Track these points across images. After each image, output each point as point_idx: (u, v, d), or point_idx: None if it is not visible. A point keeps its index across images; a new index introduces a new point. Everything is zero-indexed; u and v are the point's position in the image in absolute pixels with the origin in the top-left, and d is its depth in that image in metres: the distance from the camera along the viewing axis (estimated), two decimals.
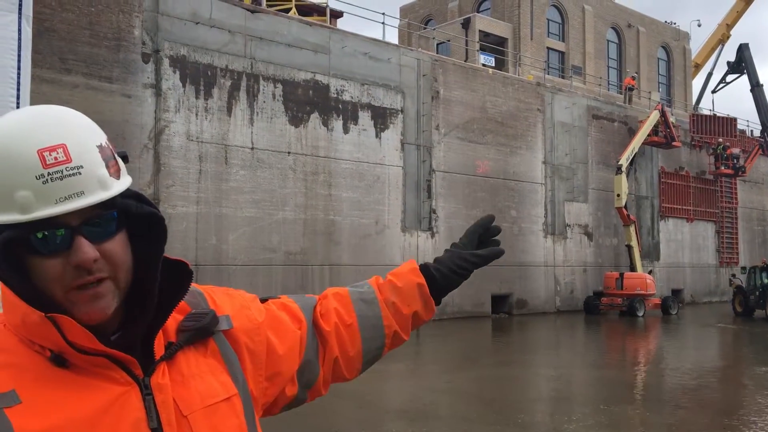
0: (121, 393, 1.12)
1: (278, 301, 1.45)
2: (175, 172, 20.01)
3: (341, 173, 23.68)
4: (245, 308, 1.35)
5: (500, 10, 40.61)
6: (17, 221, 1.06)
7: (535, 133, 30.41)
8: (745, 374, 15.49)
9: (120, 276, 1.13)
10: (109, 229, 1.12)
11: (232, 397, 1.23)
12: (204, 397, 1.19)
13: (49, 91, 17.38)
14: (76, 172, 1.08)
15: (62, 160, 1.07)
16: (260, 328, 1.34)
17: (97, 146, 1.12)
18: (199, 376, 1.21)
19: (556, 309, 30.17)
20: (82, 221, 1.09)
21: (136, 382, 1.14)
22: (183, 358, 1.21)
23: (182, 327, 1.23)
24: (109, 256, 1.11)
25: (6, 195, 1.07)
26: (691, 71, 50.51)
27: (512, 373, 14.61)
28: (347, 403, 11.63)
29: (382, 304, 1.52)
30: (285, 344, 1.38)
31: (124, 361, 1.13)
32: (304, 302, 1.48)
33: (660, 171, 36.19)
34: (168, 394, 1.15)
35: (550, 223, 30.52)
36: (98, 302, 1.11)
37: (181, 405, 1.16)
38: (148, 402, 1.13)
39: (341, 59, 23.97)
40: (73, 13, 18.54)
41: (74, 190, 1.08)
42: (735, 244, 40.49)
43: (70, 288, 1.09)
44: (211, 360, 1.24)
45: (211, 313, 1.26)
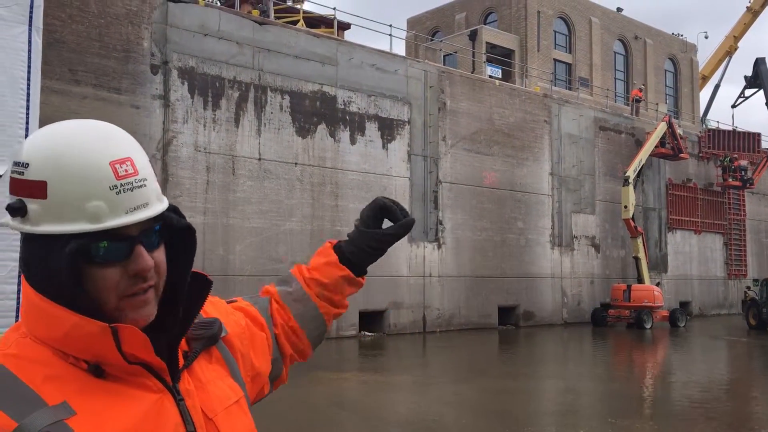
0: (156, 400, 1.15)
1: (238, 306, 1.50)
2: (182, 182, 20.08)
3: (348, 184, 23.71)
4: (231, 314, 1.42)
5: (507, 22, 40.72)
6: (88, 230, 1.09)
7: (542, 144, 30.39)
8: (753, 387, 15.37)
9: (161, 284, 1.19)
10: (157, 239, 1.18)
11: (240, 399, 1.30)
12: (222, 401, 1.25)
13: (59, 102, 17.50)
14: (143, 184, 1.14)
15: (131, 173, 1.12)
16: (245, 332, 1.41)
17: (149, 161, 1.19)
18: (213, 381, 1.27)
19: (563, 321, 30.03)
20: (140, 231, 1.14)
21: (167, 389, 1.18)
22: (197, 366, 1.26)
23: (192, 336, 1.27)
24: (158, 265, 1.17)
25: (77, 205, 1.09)
26: (698, 83, 50.43)
27: (519, 386, 14.53)
28: (353, 415, 11.60)
29: (314, 298, 1.58)
30: (258, 348, 1.45)
31: (156, 369, 1.17)
32: (260, 305, 1.54)
33: (667, 182, 36.09)
34: (195, 399, 1.21)
35: (557, 234, 30.44)
36: (146, 308, 1.16)
37: (205, 409, 1.22)
38: (182, 407, 1.18)
39: (348, 71, 24.06)
40: (83, 24, 18.69)
41: (141, 201, 1.13)
42: (743, 257, 40.27)
43: (123, 296, 1.13)
44: (216, 366, 1.30)
45: (218, 322, 1.32)
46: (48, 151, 1.11)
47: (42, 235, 1.10)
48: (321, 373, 14.58)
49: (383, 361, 19.19)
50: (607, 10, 44.83)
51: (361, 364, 18.50)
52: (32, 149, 1.12)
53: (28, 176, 1.11)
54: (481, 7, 42.38)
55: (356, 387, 14.30)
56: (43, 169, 1.10)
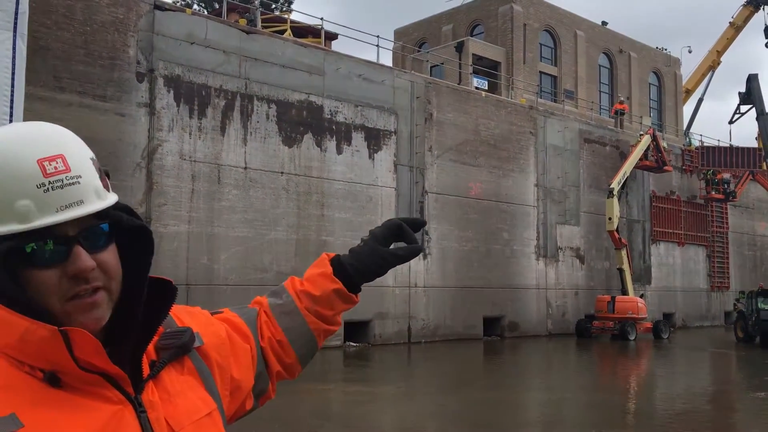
0: (116, 411, 1.10)
1: (223, 317, 1.44)
2: (167, 191, 19.96)
3: (334, 194, 23.69)
4: (210, 325, 1.36)
5: (493, 35, 40.98)
6: (17, 231, 1.05)
7: (528, 156, 30.55)
8: (736, 399, 15.46)
9: (113, 286, 1.13)
10: (103, 240, 1.13)
11: (212, 412, 1.24)
12: (190, 414, 1.19)
13: (43, 109, 17.36)
14: (76, 181, 1.09)
15: (62, 170, 1.08)
16: (225, 344, 1.36)
17: (90, 159, 1.14)
18: (182, 393, 1.21)
19: (547, 332, 30.10)
20: (78, 231, 1.09)
21: (128, 400, 1.12)
22: (166, 376, 1.21)
23: (161, 345, 1.23)
24: (104, 266, 1.11)
25: (6, 205, 1.06)
26: (682, 97, 50.97)
27: (504, 397, 14.52)
28: (337, 426, 11.53)
29: (303, 311, 1.50)
30: (241, 361, 1.39)
31: (116, 379, 1.11)
32: (247, 316, 1.48)
33: (651, 195, 36.38)
34: (159, 411, 1.15)
35: (542, 245, 30.56)
36: (94, 311, 1.10)
37: (171, 422, 1.16)
38: (143, 420, 1.12)
39: (335, 81, 24.09)
40: (69, 32, 18.59)
41: (74, 199, 1.08)
42: (726, 269, 40.61)
43: (67, 298, 1.08)
44: (188, 377, 1.25)
45: (189, 331, 1.26)
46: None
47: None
48: (305, 384, 14.49)
49: (368, 371, 19.11)
50: (592, 24, 45.26)
51: (345, 374, 18.42)
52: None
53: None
54: (468, 20, 42.65)
55: (340, 398, 14.22)
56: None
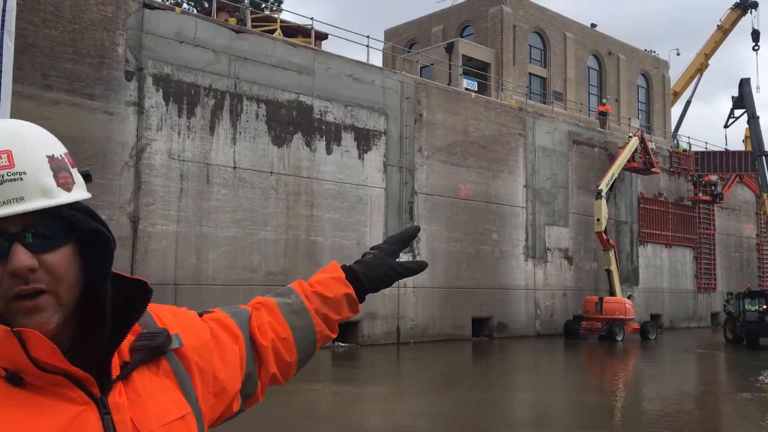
0: (79, 412, 1.08)
1: (213, 316, 1.43)
2: (155, 190, 19.87)
3: (323, 194, 23.67)
4: (192, 326, 1.34)
5: (483, 36, 41.07)
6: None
7: (517, 157, 30.64)
8: (723, 400, 15.56)
9: (61, 291, 1.09)
10: (53, 241, 1.09)
11: (186, 416, 1.22)
12: (160, 416, 1.17)
13: (31, 108, 17.24)
14: (18, 177, 1.06)
15: (4, 165, 1.06)
16: (208, 346, 1.33)
17: (47, 156, 1.11)
18: (154, 395, 1.19)
19: (536, 332, 30.20)
20: (22, 229, 1.06)
21: (93, 401, 1.10)
22: (138, 378, 1.19)
23: (135, 346, 1.21)
24: (50, 267, 1.08)
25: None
26: (670, 99, 51.30)
27: (492, 397, 14.56)
28: (325, 427, 11.52)
29: (312, 313, 1.52)
30: (228, 362, 1.37)
31: (81, 380, 1.10)
32: (238, 316, 1.46)
33: (639, 196, 36.58)
34: (125, 413, 1.13)
35: (531, 246, 30.65)
36: (37, 315, 1.07)
37: (138, 424, 1.14)
38: (107, 421, 1.10)
39: (325, 81, 24.07)
40: (57, 30, 18.47)
41: (13, 195, 1.05)
42: (713, 270, 40.90)
43: (8, 298, 1.06)
44: (163, 379, 1.22)
45: (164, 332, 1.24)
46: None
47: None
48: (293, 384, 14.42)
49: (357, 372, 19.11)
50: (581, 26, 45.46)
51: (334, 375, 18.40)
52: None
53: None
54: (458, 21, 42.73)
55: (329, 398, 14.21)
56: None
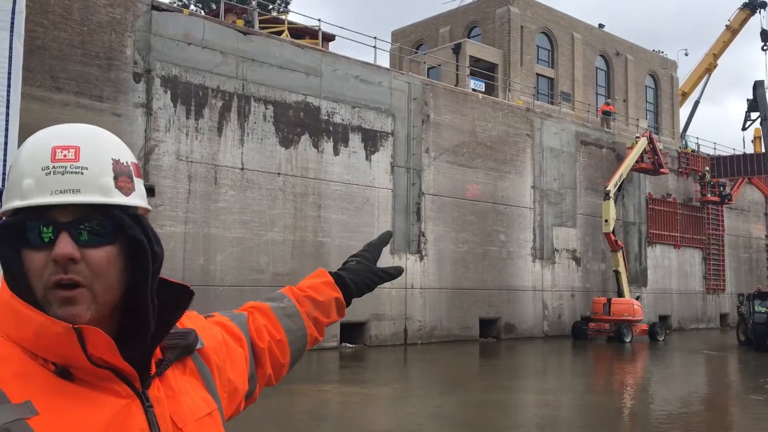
0: (124, 405, 1.13)
1: (216, 320, 1.47)
2: (164, 191, 19.94)
3: (331, 195, 23.69)
4: (208, 327, 1.39)
5: (491, 37, 41.02)
6: (17, 207, 1.12)
7: (524, 158, 30.59)
8: (732, 402, 15.48)
9: (97, 287, 1.12)
10: (99, 238, 1.13)
11: (213, 412, 1.28)
12: (193, 411, 1.23)
13: (40, 109, 17.33)
14: (79, 171, 1.12)
15: (70, 158, 1.13)
16: (222, 347, 1.39)
17: (113, 159, 1.16)
18: (185, 391, 1.25)
19: (543, 334, 30.13)
20: (72, 220, 1.11)
21: (136, 395, 1.16)
22: (171, 375, 1.24)
23: (167, 345, 1.25)
24: (91, 263, 1.11)
25: (15, 183, 1.14)
26: (678, 99, 51.10)
27: (500, 399, 14.53)
28: (333, 428, 11.53)
29: (304, 316, 1.60)
30: (236, 364, 1.43)
31: (126, 375, 1.15)
32: (238, 320, 1.52)
33: (647, 197, 36.44)
34: (165, 407, 1.19)
35: (539, 247, 30.59)
36: (70, 307, 1.10)
37: (175, 418, 1.19)
38: (150, 414, 1.16)
39: (332, 82, 24.09)
40: (66, 32, 18.56)
41: (71, 187, 1.11)
42: (722, 271, 40.70)
43: (48, 285, 1.10)
44: (190, 377, 1.28)
45: (194, 332, 1.29)
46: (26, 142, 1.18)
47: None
48: (301, 385, 14.49)
49: (364, 373, 19.11)
50: (589, 26, 45.34)
51: (341, 376, 18.41)
52: None
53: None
54: (465, 21, 42.69)
55: (336, 399, 14.21)
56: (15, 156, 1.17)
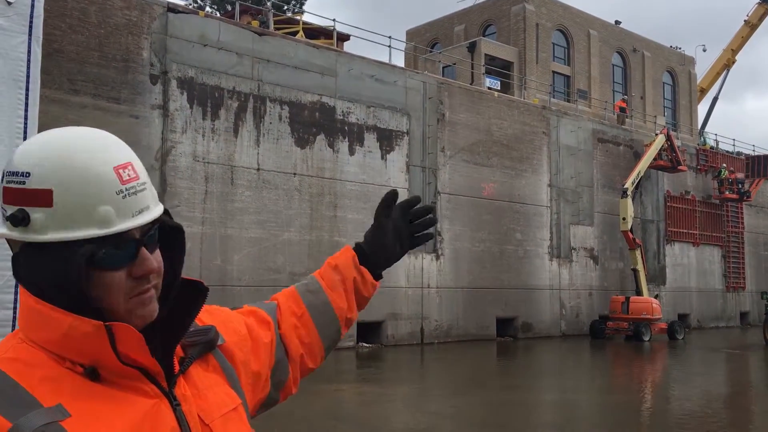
0: (153, 405, 1.15)
1: (244, 310, 1.50)
2: (181, 192, 20.06)
3: (347, 195, 23.71)
4: (229, 322, 1.40)
5: (506, 34, 40.87)
6: (99, 235, 1.11)
7: (541, 156, 30.44)
8: (754, 401, 15.31)
9: (160, 284, 1.20)
10: (156, 242, 1.20)
11: (238, 407, 1.29)
12: (219, 407, 1.25)
13: (58, 112, 17.50)
14: (144, 187, 1.17)
15: (134, 177, 1.15)
16: (245, 340, 1.40)
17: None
18: (210, 388, 1.26)
19: (561, 333, 29.97)
20: (142, 234, 1.16)
21: (164, 394, 1.17)
22: (194, 372, 1.26)
23: (187, 342, 1.27)
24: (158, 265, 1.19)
25: (87, 210, 1.10)
26: (696, 96, 50.63)
27: (518, 398, 14.46)
28: (350, 427, 11.54)
29: (327, 290, 1.61)
30: (260, 353, 1.44)
31: (153, 374, 1.17)
32: (267, 306, 1.55)
33: (666, 195, 36.13)
34: (192, 404, 1.20)
35: (556, 246, 30.42)
36: (151, 305, 1.17)
37: (202, 415, 1.21)
38: (178, 412, 1.17)
39: (348, 82, 24.11)
40: (83, 35, 18.73)
41: (145, 205, 1.16)
42: (742, 269, 40.26)
43: (131, 296, 1.14)
44: (212, 374, 1.29)
45: (214, 329, 1.31)
46: (52, 159, 1.11)
47: (47, 243, 1.10)
48: (318, 384, 14.51)
49: (381, 372, 19.10)
50: (605, 23, 45.04)
51: (358, 375, 18.42)
52: (31, 158, 1.12)
53: (31, 185, 1.10)
54: (480, 20, 42.57)
55: (354, 399, 14.22)
56: (49, 177, 1.10)
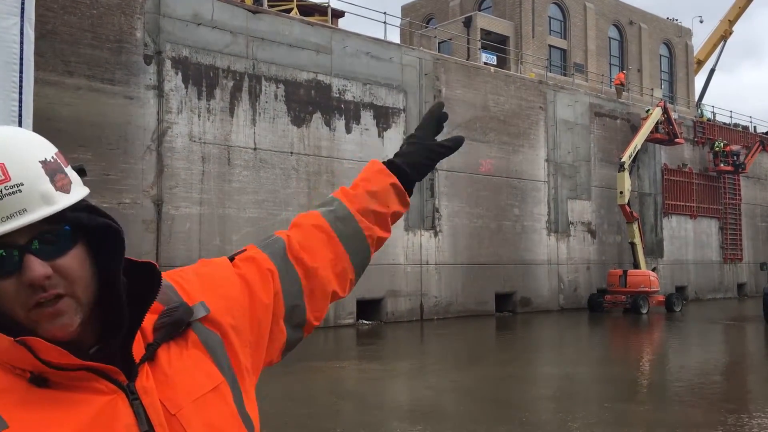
0: (108, 402, 1.10)
1: (246, 255, 1.42)
2: (178, 173, 20.03)
3: (344, 173, 23.69)
4: (218, 286, 1.33)
5: (501, 9, 40.58)
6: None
7: (538, 131, 30.38)
8: (751, 371, 15.47)
9: (78, 291, 1.11)
10: (63, 245, 1.10)
11: (219, 386, 1.22)
12: (190, 392, 1.18)
13: (52, 94, 17.42)
14: (16, 190, 1.07)
15: (1, 179, 1.06)
16: (237, 301, 1.32)
17: (40, 161, 1.11)
18: (183, 371, 1.19)
19: (559, 307, 30.15)
20: (30, 239, 1.07)
21: (121, 389, 1.12)
22: (165, 356, 1.19)
23: (157, 325, 1.22)
24: (64, 272, 1.09)
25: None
26: (693, 68, 50.43)
27: (517, 372, 14.60)
28: (351, 403, 11.65)
29: (357, 215, 1.53)
30: (258, 311, 1.36)
31: (105, 371, 1.12)
32: (272, 248, 1.44)
33: (663, 168, 36.14)
34: (154, 395, 1.14)
35: (554, 221, 30.49)
36: (59, 319, 1.09)
37: (168, 404, 1.15)
38: (136, 406, 1.12)
39: (343, 59, 23.98)
40: (76, 15, 18.56)
41: (16, 209, 1.06)
42: (739, 241, 40.43)
43: (29, 307, 1.08)
44: (192, 351, 1.23)
45: (182, 307, 1.24)
46: None
47: None
48: (318, 362, 14.63)
49: (381, 349, 19.25)
50: None
51: (359, 352, 18.56)
52: None
53: None
54: None
55: (354, 376, 14.34)
56: None
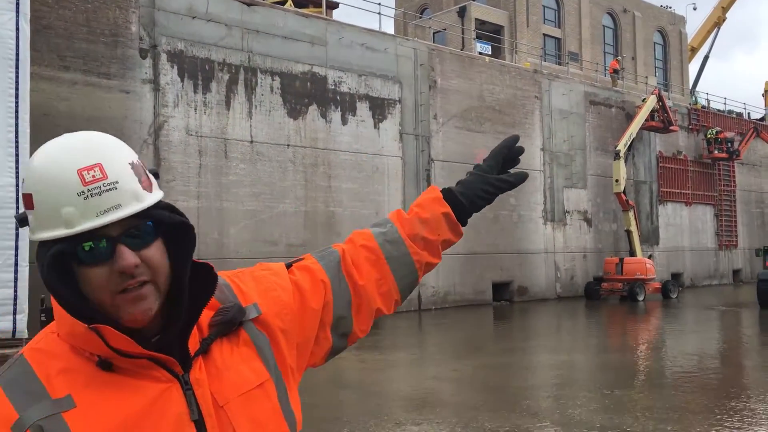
0: (164, 390, 1.22)
1: (301, 265, 1.52)
2: (175, 167, 20.05)
3: (340, 164, 23.73)
4: (271, 290, 1.43)
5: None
6: (64, 235, 1.19)
7: (533, 120, 30.43)
8: (746, 356, 15.62)
9: (159, 280, 1.24)
10: (147, 238, 1.24)
11: (264, 383, 1.33)
12: (237, 387, 1.29)
13: (49, 89, 17.40)
14: (112, 187, 1.20)
15: (99, 178, 1.20)
16: (288, 306, 1.43)
17: (129, 164, 1.26)
18: (233, 366, 1.31)
19: (556, 295, 30.30)
20: (122, 232, 1.21)
21: (177, 379, 1.24)
22: (218, 351, 1.31)
23: (212, 322, 1.33)
24: (148, 261, 1.23)
25: (53, 213, 1.19)
26: (687, 55, 50.50)
27: (516, 360, 14.73)
28: (353, 393, 11.76)
29: (407, 241, 1.58)
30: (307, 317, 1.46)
31: (164, 361, 1.24)
32: (327, 260, 1.53)
33: (658, 155, 36.25)
34: (205, 387, 1.26)
35: (550, 210, 30.59)
36: (141, 304, 1.22)
37: (217, 396, 1.27)
38: (189, 396, 1.24)
39: (338, 50, 23.97)
40: (70, 10, 18.52)
41: (112, 204, 1.19)
42: (734, 227, 40.62)
43: (116, 293, 1.20)
44: (243, 349, 1.34)
45: (236, 306, 1.36)
46: (32, 166, 1.22)
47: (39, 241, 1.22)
48: None
49: (380, 339, 19.35)
50: None
51: (358, 343, 18.41)
52: (27, 165, 1.25)
53: (23, 190, 1.24)
54: None
55: (355, 366, 14.45)
56: (30, 183, 1.22)
